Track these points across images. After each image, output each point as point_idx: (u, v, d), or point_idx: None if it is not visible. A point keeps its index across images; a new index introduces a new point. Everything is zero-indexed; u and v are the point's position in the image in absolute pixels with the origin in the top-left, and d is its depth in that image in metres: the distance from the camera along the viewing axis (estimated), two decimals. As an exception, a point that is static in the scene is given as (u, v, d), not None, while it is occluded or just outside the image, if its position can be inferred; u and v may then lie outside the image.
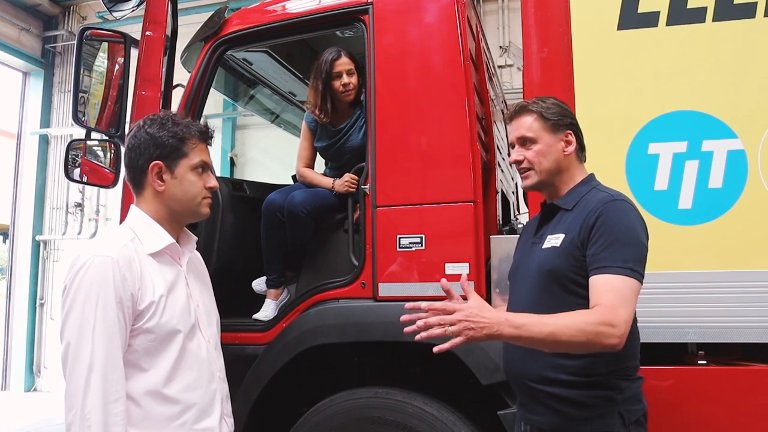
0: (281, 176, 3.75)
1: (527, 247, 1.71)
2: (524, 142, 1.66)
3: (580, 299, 1.49)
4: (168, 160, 1.54)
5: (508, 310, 1.68)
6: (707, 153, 2.01)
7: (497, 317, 1.32)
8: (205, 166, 1.60)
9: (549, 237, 1.60)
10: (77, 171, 2.54)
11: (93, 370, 1.34)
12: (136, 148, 1.54)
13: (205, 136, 1.61)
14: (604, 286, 1.42)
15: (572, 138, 1.64)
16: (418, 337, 1.32)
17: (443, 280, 1.41)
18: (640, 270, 1.46)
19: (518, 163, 1.68)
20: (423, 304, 1.35)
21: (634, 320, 1.50)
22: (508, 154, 3.64)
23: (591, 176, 1.69)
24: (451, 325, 1.29)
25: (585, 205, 1.56)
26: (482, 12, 6.75)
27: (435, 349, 1.29)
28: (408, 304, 1.39)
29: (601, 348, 1.37)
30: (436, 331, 1.29)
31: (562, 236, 1.55)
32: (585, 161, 1.71)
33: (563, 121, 1.65)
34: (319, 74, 2.63)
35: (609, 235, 1.47)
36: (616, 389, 1.50)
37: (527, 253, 1.69)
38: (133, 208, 1.58)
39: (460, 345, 1.29)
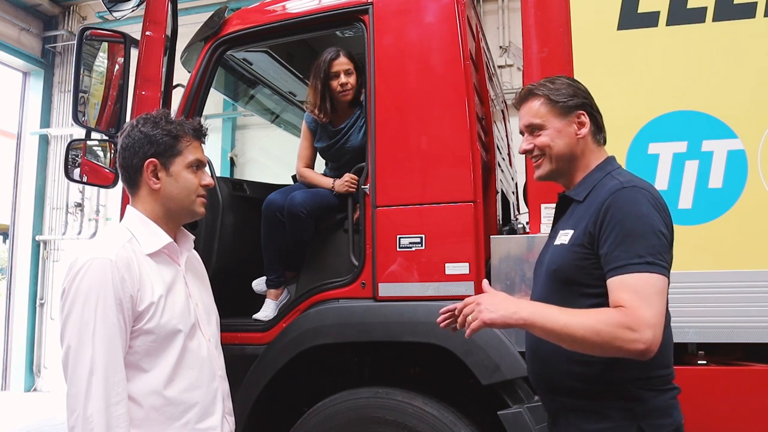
0: (281, 176, 3.75)
1: (548, 242, 1.59)
2: (533, 129, 1.52)
3: (591, 303, 1.36)
4: (163, 158, 1.54)
5: None
6: (707, 153, 2.01)
7: (513, 299, 1.37)
8: (200, 164, 1.60)
9: (560, 232, 1.49)
10: (77, 171, 2.54)
11: (94, 373, 1.34)
12: (131, 147, 1.54)
13: (199, 133, 1.61)
14: (621, 287, 1.28)
15: (585, 119, 1.50)
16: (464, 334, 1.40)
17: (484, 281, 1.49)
18: (660, 262, 1.29)
19: (528, 152, 1.55)
20: (457, 306, 1.42)
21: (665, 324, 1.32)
22: (508, 154, 3.65)
23: (608, 160, 1.53)
24: (470, 314, 1.34)
25: (596, 195, 1.43)
26: (482, 12, 6.74)
27: (466, 335, 1.37)
28: (442, 310, 1.49)
29: (625, 354, 1.24)
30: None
31: (570, 232, 1.44)
32: (605, 143, 1.56)
33: (574, 101, 1.50)
34: (318, 74, 2.65)
35: (619, 230, 1.32)
36: (636, 400, 1.35)
37: (545, 249, 1.59)
38: (129, 208, 1.58)
39: (477, 330, 1.33)
